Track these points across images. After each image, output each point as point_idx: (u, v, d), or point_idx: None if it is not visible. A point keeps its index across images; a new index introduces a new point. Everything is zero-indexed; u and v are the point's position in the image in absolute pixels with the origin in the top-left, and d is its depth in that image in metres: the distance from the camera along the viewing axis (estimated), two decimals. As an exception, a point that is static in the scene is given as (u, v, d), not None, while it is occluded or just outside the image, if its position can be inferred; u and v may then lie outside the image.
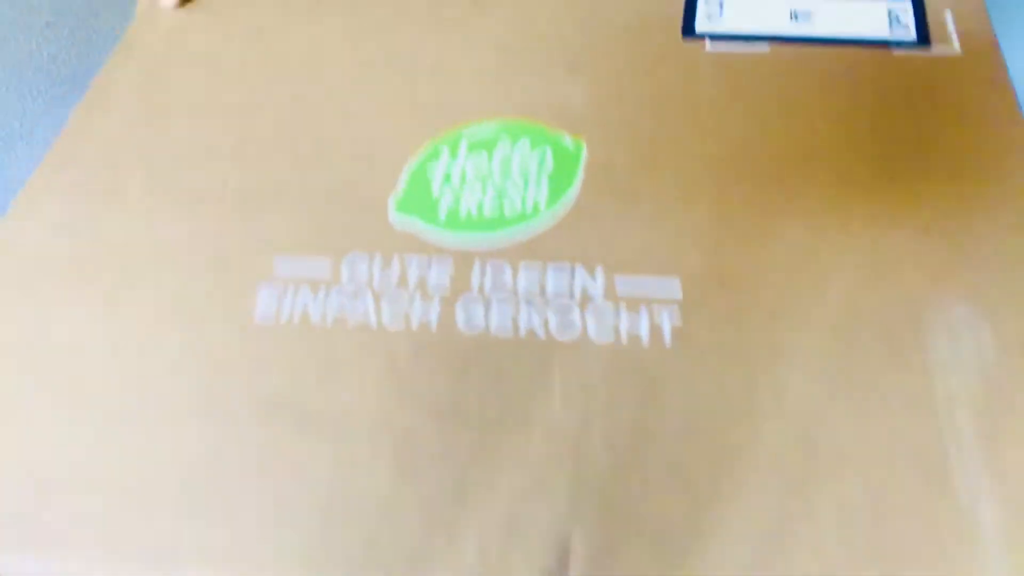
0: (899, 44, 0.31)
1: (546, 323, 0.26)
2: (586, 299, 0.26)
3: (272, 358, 0.26)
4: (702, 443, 0.23)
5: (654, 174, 0.29)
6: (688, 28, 0.33)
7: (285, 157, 0.32)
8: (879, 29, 0.32)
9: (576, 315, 0.26)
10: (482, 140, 0.31)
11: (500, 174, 0.30)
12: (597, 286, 0.26)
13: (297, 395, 0.25)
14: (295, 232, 0.29)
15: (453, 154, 0.31)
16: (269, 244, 0.29)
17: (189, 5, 0.39)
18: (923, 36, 0.31)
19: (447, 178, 0.30)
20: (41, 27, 1.81)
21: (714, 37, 0.32)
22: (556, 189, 0.29)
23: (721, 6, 0.33)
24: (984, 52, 0.30)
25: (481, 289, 0.27)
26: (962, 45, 0.31)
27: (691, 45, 0.32)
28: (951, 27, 0.31)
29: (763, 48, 0.32)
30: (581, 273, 0.27)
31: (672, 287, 0.26)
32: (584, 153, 0.30)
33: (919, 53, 0.31)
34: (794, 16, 0.32)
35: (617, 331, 0.26)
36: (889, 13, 0.32)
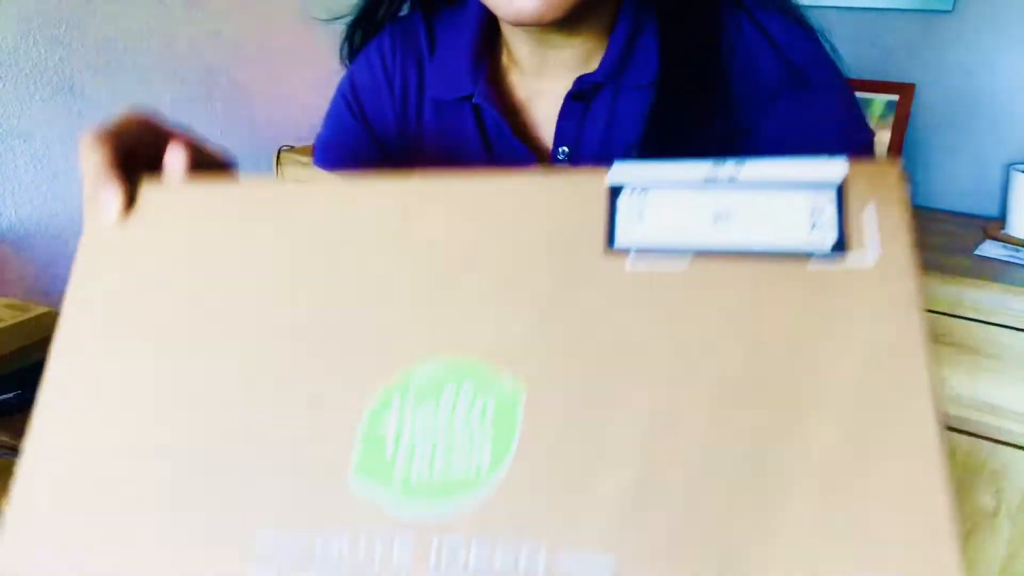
0: (815, 255, 0.31)
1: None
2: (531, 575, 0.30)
3: None
4: None
5: (587, 426, 0.31)
6: (611, 238, 0.33)
7: (245, 412, 0.35)
8: (799, 230, 0.31)
9: (522, 592, 0.30)
10: (429, 386, 0.33)
11: (446, 431, 0.32)
12: (540, 564, 0.30)
13: None
14: (267, 510, 0.33)
15: (402, 406, 0.33)
16: (244, 521, 0.33)
17: (133, 219, 0.39)
18: (841, 239, 0.31)
19: (398, 437, 0.33)
20: (38, 26, 1.72)
21: (636, 251, 0.32)
22: (497, 449, 0.32)
23: (641, 212, 0.33)
24: (898, 262, 0.30)
25: (438, 567, 0.31)
26: (879, 251, 0.30)
27: (614, 261, 0.33)
28: (871, 227, 0.31)
29: (683, 264, 0.32)
30: (526, 551, 0.30)
31: (607, 562, 0.29)
32: (523, 400, 0.32)
33: (834, 267, 0.31)
34: (716, 218, 0.32)
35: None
36: (812, 210, 0.31)
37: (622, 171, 0.34)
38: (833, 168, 0.32)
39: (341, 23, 0.72)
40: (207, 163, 0.42)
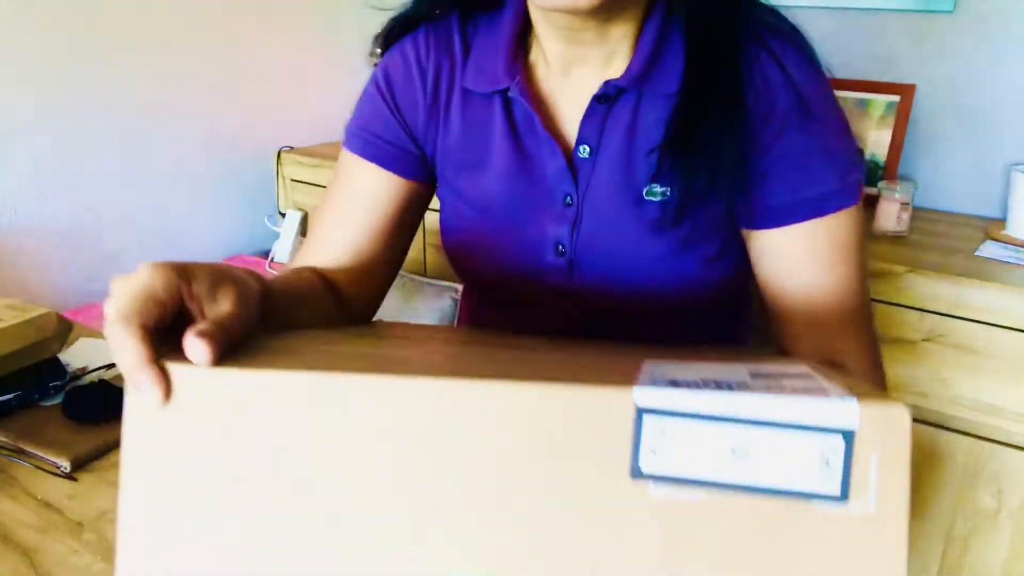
0: (821, 499, 0.34)
1: None
2: None
3: None
4: None
5: None
6: (635, 466, 0.35)
7: None
8: (809, 472, 0.34)
9: None
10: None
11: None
12: None
13: None
14: None
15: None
16: None
17: (172, 403, 0.39)
18: (846, 486, 0.33)
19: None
20: (38, 26, 1.71)
21: (659, 479, 0.35)
22: None
23: (665, 441, 0.35)
24: (895, 515, 0.33)
25: None
26: (879, 497, 0.33)
27: (637, 488, 0.35)
28: (875, 476, 0.33)
29: (702, 496, 0.35)
30: None
31: None
32: None
33: (837, 511, 0.33)
34: (734, 452, 0.35)
35: None
36: (822, 454, 0.34)
37: (648, 395, 0.36)
38: (845, 412, 0.34)
39: (366, 19, 0.79)
40: (233, 315, 0.43)
